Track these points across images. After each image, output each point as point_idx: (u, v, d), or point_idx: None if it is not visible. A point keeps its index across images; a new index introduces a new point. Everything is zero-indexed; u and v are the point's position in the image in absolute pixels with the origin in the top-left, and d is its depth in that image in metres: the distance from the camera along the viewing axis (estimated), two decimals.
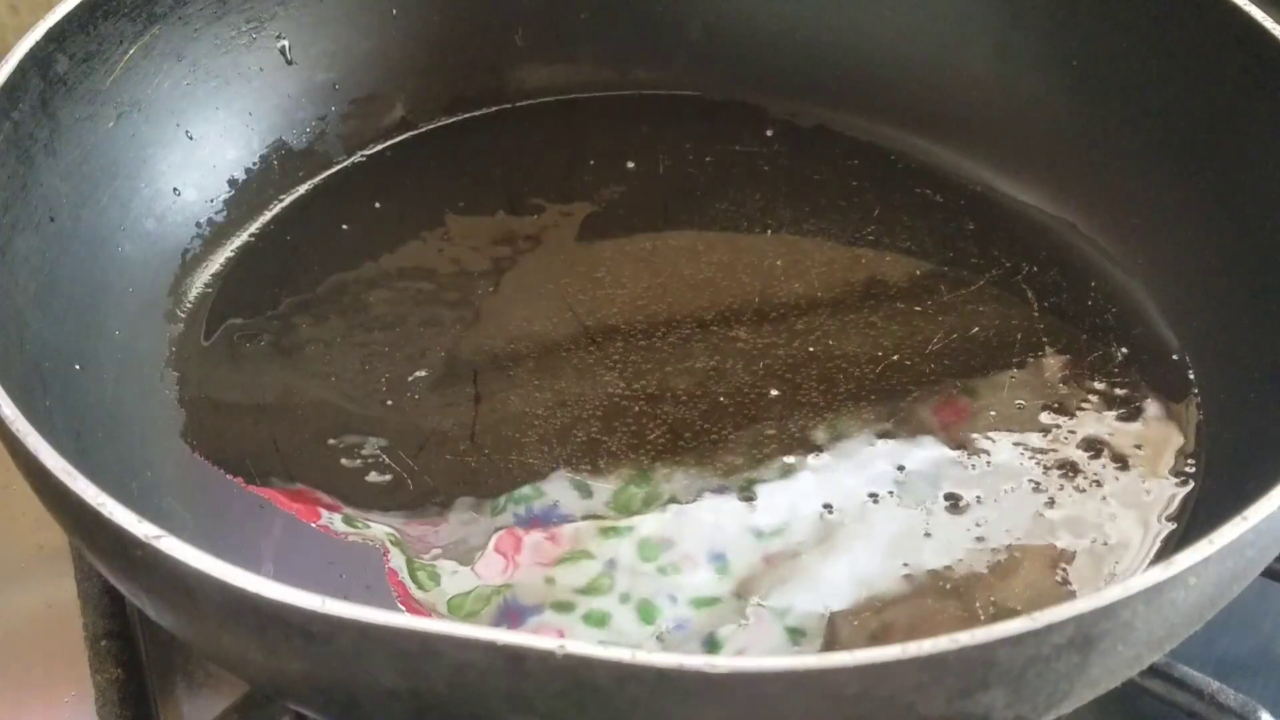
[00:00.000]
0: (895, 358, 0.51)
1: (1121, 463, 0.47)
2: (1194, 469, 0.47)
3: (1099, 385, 0.50)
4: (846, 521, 0.45)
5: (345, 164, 0.58)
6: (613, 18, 0.61)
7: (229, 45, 0.55)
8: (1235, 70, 0.50)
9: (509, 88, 0.61)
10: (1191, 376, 0.50)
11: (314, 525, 0.45)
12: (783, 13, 0.60)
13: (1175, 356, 0.50)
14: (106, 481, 0.35)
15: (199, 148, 0.54)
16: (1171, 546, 0.45)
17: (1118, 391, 0.49)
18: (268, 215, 0.56)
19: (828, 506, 0.46)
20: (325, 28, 0.57)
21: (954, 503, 0.46)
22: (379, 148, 0.58)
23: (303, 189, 0.57)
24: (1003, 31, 0.57)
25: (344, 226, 0.56)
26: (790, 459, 0.47)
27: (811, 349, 0.51)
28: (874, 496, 0.46)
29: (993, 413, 0.49)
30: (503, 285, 0.53)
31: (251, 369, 0.50)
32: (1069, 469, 0.47)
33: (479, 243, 0.55)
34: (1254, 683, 0.45)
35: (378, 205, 0.57)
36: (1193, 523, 0.45)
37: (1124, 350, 0.51)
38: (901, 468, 0.47)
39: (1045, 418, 0.48)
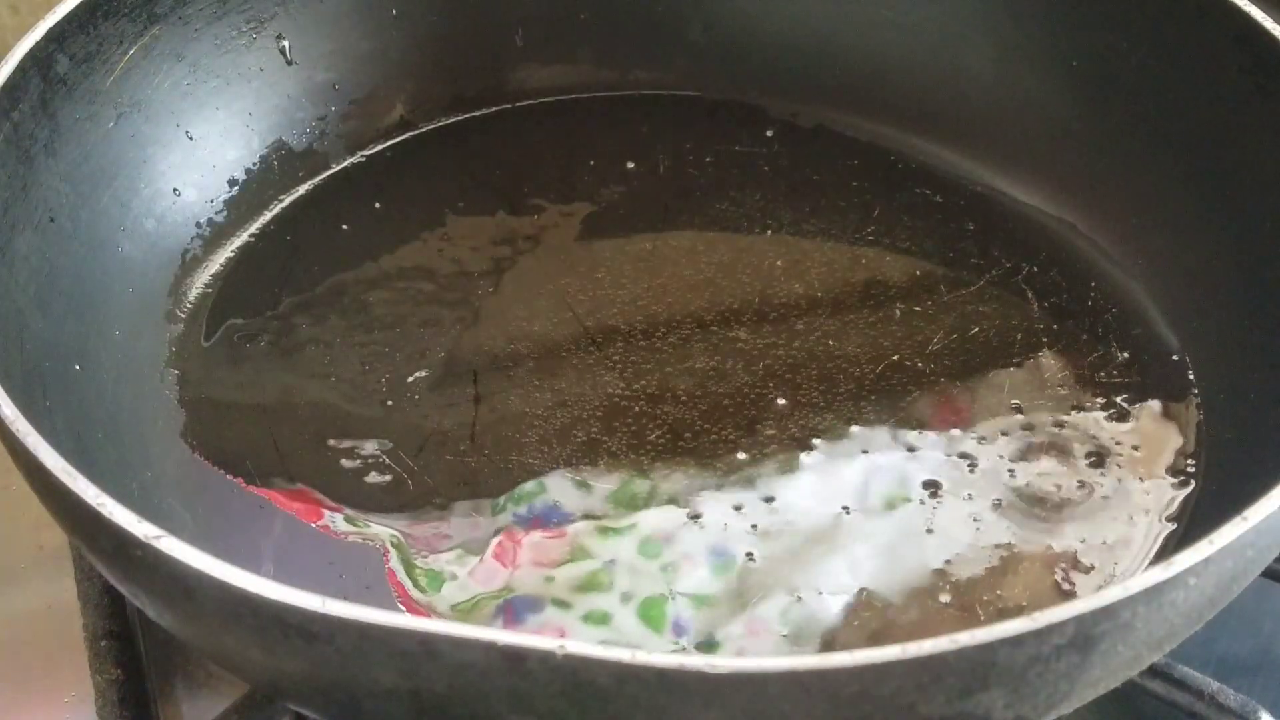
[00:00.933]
0: (895, 358, 0.51)
1: (1122, 463, 0.47)
2: (1194, 469, 0.47)
3: (1099, 385, 0.50)
4: (846, 521, 0.45)
5: (345, 164, 0.58)
6: (613, 18, 0.61)
7: (229, 45, 0.55)
8: (1235, 70, 0.50)
9: (509, 88, 0.61)
10: (1191, 376, 0.50)
11: (314, 525, 0.45)
12: (783, 13, 0.60)
13: (1175, 356, 0.50)
14: (106, 481, 0.35)
15: (199, 148, 0.54)
16: (1171, 546, 0.45)
17: (1118, 392, 0.49)
18: (268, 215, 0.56)
19: (827, 506, 0.45)
20: (325, 28, 0.57)
21: (953, 502, 0.46)
22: (379, 148, 0.58)
23: (303, 189, 0.57)
24: (1003, 31, 0.57)
25: (344, 226, 0.56)
26: (790, 459, 0.47)
27: (811, 349, 0.51)
28: (873, 496, 0.46)
29: (993, 413, 0.49)
30: (503, 285, 0.53)
31: (251, 369, 0.50)
32: (1069, 469, 0.47)
33: (479, 243, 0.55)
34: (1254, 683, 0.45)
35: (378, 205, 0.57)
36: (1193, 523, 0.45)
37: (1124, 350, 0.51)
38: (901, 468, 0.47)
39: (1045, 418, 0.48)
